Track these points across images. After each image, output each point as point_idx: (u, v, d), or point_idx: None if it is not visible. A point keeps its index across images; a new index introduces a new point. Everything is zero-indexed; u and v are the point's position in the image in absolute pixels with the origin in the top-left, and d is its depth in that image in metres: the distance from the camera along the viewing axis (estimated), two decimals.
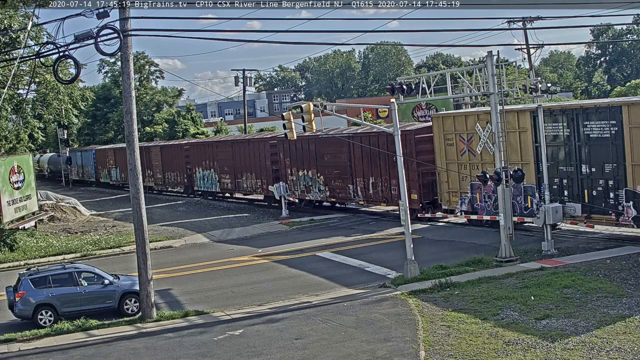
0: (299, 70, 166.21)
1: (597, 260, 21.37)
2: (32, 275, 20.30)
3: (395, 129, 21.78)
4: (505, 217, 22.36)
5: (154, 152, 55.99)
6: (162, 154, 54.76)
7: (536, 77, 30.38)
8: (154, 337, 17.71)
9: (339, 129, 40.37)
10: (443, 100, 42.16)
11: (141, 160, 48.96)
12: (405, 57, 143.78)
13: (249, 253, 28.58)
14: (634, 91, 67.47)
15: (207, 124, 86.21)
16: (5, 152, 38.54)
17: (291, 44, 66.99)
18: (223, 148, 46.52)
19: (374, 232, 30.91)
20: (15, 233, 32.88)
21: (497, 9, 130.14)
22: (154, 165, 55.60)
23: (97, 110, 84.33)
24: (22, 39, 27.19)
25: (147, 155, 54.87)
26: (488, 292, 18.74)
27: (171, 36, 20.39)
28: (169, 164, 53.67)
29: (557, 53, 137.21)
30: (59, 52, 18.75)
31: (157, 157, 55.40)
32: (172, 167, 53.06)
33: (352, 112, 58.77)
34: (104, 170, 66.51)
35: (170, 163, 53.50)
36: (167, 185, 55.38)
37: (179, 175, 52.33)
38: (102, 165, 66.89)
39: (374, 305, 18.75)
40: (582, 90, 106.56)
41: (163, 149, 55.43)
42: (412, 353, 14.62)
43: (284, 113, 22.98)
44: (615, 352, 13.63)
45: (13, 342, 18.17)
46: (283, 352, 15.53)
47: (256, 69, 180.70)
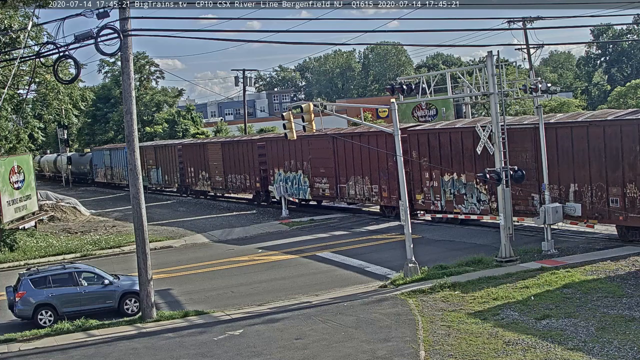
0: (299, 70, 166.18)
1: (597, 260, 21.37)
2: (32, 275, 20.30)
3: (395, 129, 21.78)
4: (505, 217, 22.35)
5: (212, 149, 47.40)
6: (224, 151, 46.05)
7: (536, 77, 30.32)
8: (154, 337, 17.71)
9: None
10: (443, 100, 42.19)
11: (194, 159, 49.19)
12: (405, 57, 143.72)
13: (249, 253, 28.60)
14: (634, 91, 67.42)
15: (207, 124, 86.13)
16: (5, 152, 38.53)
17: (291, 44, 67.26)
18: (322, 144, 36.83)
19: (374, 231, 30.90)
20: (15, 233, 32.89)
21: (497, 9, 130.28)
22: (211, 166, 47.55)
23: (97, 110, 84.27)
24: (22, 39, 27.17)
25: (203, 154, 48.47)
26: (488, 292, 18.74)
27: (171, 36, 20.41)
28: (233, 163, 44.91)
29: (557, 53, 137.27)
30: (59, 52, 18.76)
31: (216, 156, 46.93)
32: (239, 168, 44.27)
33: (352, 112, 58.81)
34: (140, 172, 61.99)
35: (236, 163, 44.54)
36: (229, 189, 46.38)
37: (249, 178, 43.64)
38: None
39: (374, 305, 18.75)
40: (582, 90, 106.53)
41: (225, 145, 46.10)
42: (412, 353, 14.62)
43: (284, 113, 22.98)
44: (615, 352, 13.63)
45: (13, 342, 18.17)
46: (283, 352, 15.53)
47: (256, 69, 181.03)
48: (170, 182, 54.38)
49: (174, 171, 53.24)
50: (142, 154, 52.50)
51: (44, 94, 41.23)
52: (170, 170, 54.05)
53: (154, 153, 56.38)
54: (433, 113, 48.11)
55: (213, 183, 47.59)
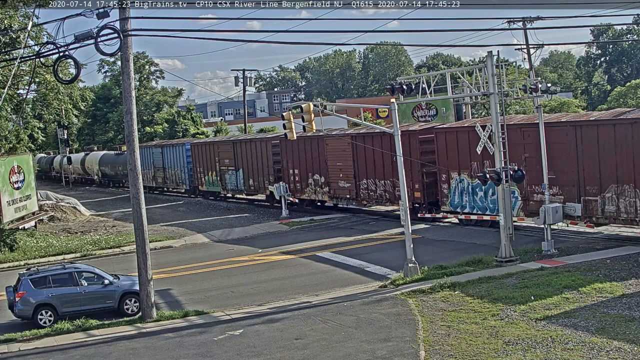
0: (299, 70, 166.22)
1: (597, 260, 21.38)
2: (32, 275, 20.29)
3: (395, 129, 21.78)
4: (505, 217, 22.35)
5: (332, 143, 36.55)
6: (328, 146, 36.65)
7: (536, 77, 30.31)
8: (154, 337, 17.71)
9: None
10: (443, 100, 42.14)
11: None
12: (405, 57, 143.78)
13: (250, 253, 28.60)
14: (634, 91, 67.47)
15: (207, 124, 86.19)
16: (5, 152, 38.54)
17: (291, 44, 67.37)
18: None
19: (374, 232, 30.91)
20: (15, 233, 32.89)
21: (497, 9, 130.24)
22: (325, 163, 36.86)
23: (97, 110, 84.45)
24: (22, 39, 27.17)
25: (319, 147, 37.14)
26: (488, 292, 18.74)
27: (171, 36, 20.41)
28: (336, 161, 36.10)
29: (557, 53, 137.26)
30: (59, 52, 18.76)
31: (325, 151, 36.77)
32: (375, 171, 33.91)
33: (352, 112, 58.81)
34: (208, 174, 47.82)
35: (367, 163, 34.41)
36: (336, 198, 36.70)
37: (387, 186, 33.04)
38: (204, 167, 48.20)
39: (374, 305, 18.75)
40: (582, 90, 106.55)
41: (328, 139, 36.47)
42: (412, 353, 14.62)
43: (284, 113, 22.98)
44: (615, 352, 13.62)
45: (13, 342, 18.16)
46: (283, 352, 15.52)
47: (256, 69, 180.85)
48: (258, 188, 42.61)
49: (264, 173, 41.55)
50: (212, 152, 46.72)
51: (44, 94, 41.27)
52: (257, 172, 42.23)
53: (232, 150, 44.67)
54: (433, 113, 48.06)
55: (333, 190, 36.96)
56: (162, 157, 54.08)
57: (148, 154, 55.92)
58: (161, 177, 54.98)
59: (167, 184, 54.72)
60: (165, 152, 53.82)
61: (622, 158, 23.05)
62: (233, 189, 45.26)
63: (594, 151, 23.86)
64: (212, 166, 47.27)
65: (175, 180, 53.01)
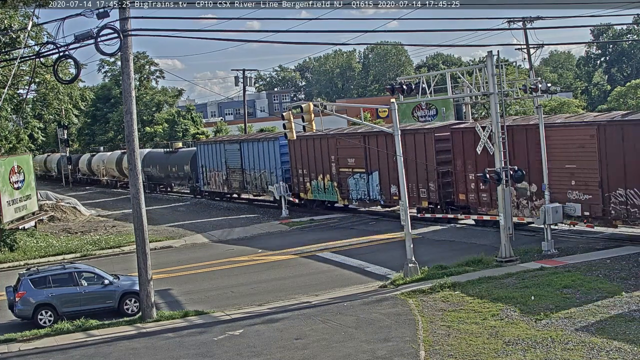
0: (299, 70, 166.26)
1: (597, 260, 21.37)
2: (32, 275, 20.30)
3: (395, 129, 21.78)
4: (505, 217, 22.34)
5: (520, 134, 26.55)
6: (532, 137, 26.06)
7: (536, 77, 30.31)
8: (153, 337, 17.71)
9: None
10: (443, 100, 42.16)
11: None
12: (405, 57, 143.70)
13: (250, 253, 28.60)
14: (634, 91, 67.41)
15: (207, 124, 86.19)
16: (5, 152, 38.56)
17: (291, 44, 67.39)
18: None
19: (374, 232, 30.89)
20: (15, 233, 32.89)
21: (497, 9, 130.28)
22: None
23: (97, 110, 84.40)
24: (22, 39, 27.19)
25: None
26: (488, 292, 18.74)
27: (171, 36, 20.41)
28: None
29: (557, 53, 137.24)
30: (59, 52, 18.76)
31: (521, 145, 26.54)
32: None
33: (352, 112, 58.81)
34: (318, 179, 37.05)
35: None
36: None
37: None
38: (311, 169, 37.41)
39: (374, 305, 18.75)
40: (582, 90, 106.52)
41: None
42: (412, 353, 14.62)
43: (284, 113, 22.99)
44: (615, 352, 13.62)
45: (13, 342, 18.16)
46: (283, 352, 15.52)
47: (256, 69, 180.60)
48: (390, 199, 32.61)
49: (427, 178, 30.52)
50: (324, 146, 36.21)
51: (44, 94, 41.31)
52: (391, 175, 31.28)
53: (363, 145, 33.67)
54: (433, 113, 48.12)
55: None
56: (241, 155, 43.03)
57: (217, 152, 45.52)
58: (238, 181, 43.54)
59: (246, 188, 43.17)
60: (246, 149, 42.58)
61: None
62: (362, 198, 34.73)
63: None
64: (324, 168, 36.69)
65: (260, 184, 41.33)
